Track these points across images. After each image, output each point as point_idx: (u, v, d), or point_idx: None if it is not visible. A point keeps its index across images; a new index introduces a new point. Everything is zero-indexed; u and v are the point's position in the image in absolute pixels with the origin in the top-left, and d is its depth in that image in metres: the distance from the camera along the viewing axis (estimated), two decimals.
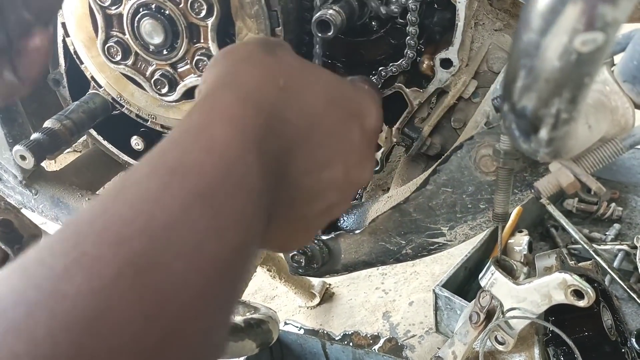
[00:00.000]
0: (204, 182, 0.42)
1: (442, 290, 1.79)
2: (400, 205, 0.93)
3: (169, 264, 0.37)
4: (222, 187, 0.43)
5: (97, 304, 0.34)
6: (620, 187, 2.41)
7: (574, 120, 0.48)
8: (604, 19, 0.37)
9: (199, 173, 0.42)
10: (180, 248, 0.38)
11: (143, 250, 0.36)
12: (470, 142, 0.83)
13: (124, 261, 0.35)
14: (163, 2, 0.87)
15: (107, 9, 0.90)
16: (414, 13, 0.91)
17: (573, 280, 0.90)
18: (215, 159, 0.44)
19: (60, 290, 0.34)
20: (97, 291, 0.34)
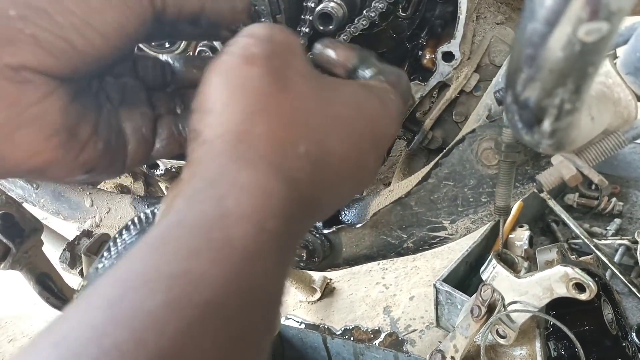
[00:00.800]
0: (217, 297, 0.36)
1: (443, 284, 1.79)
2: (402, 199, 0.92)
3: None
4: (236, 303, 0.37)
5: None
6: (621, 182, 2.41)
7: (578, 111, 0.47)
8: (608, 8, 0.37)
9: (212, 286, 0.36)
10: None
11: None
12: (472, 135, 0.83)
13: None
14: None
15: None
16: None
17: (575, 274, 0.89)
18: (230, 269, 0.37)
19: None
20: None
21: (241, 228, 0.39)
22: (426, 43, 1.01)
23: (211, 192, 0.42)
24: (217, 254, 0.37)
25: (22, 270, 1.18)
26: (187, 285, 0.35)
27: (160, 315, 0.33)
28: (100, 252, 0.66)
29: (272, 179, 0.44)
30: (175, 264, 0.36)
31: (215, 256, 0.37)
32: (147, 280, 0.35)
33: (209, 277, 0.36)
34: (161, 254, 0.37)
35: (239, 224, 0.39)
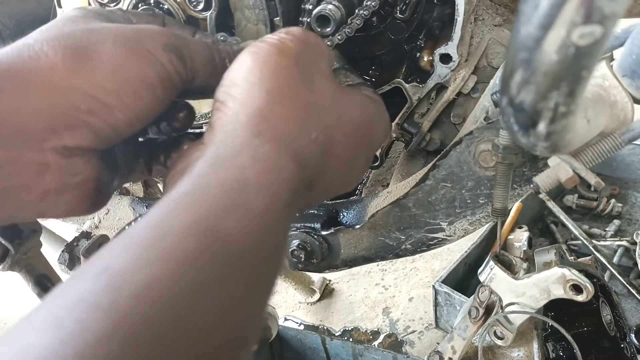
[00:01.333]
0: (240, 251, 0.42)
1: (442, 286, 1.79)
2: (400, 201, 0.93)
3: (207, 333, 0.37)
4: (255, 257, 0.43)
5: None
6: (620, 183, 2.41)
7: (573, 113, 0.48)
8: (601, 11, 0.37)
9: (237, 240, 0.42)
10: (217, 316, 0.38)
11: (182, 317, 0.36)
12: (470, 137, 0.83)
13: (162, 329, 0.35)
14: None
15: (106, 5, 0.90)
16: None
17: (572, 275, 0.90)
18: (252, 228, 0.43)
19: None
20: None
21: (260, 196, 0.46)
22: (424, 45, 1.01)
23: (234, 162, 0.48)
24: (241, 216, 0.43)
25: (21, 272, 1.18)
26: (216, 238, 0.41)
27: (193, 257, 0.39)
28: None
29: (287, 157, 0.51)
30: (206, 219, 0.42)
31: (239, 218, 0.43)
32: (182, 229, 0.41)
33: (234, 233, 0.42)
34: (194, 210, 0.43)
35: (258, 192, 0.46)
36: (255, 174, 0.47)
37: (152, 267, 0.37)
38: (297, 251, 1.01)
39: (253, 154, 0.49)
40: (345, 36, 0.87)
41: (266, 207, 0.45)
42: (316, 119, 0.56)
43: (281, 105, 0.54)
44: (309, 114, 0.56)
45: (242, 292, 0.41)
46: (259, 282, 0.44)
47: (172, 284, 0.37)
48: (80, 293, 0.36)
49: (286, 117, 0.53)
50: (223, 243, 0.41)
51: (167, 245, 0.39)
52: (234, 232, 0.42)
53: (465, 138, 0.83)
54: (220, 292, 0.39)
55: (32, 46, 0.53)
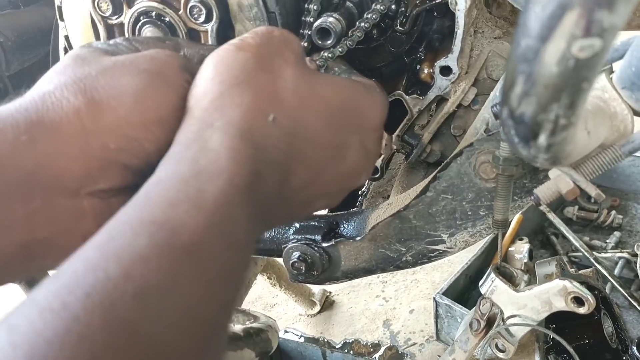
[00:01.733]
0: (194, 241, 0.40)
1: (443, 298, 1.79)
2: (400, 212, 0.93)
3: (160, 333, 0.36)
4: (211, 247, 0.41)
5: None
6: (620, 195, 2.41)
7: (573, 125, 0.48)
8: (601, 24, 0.37)
9: (189, 231, 0.40)
10: (171, 315, 0.37)
11: (134, 318, 0.35)
12: (470, 149, 0.83)
13: (114, 330, 0.34)
14: (163, 9, 0.88)
15: (108, 19, 0.91)
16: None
17: (573, 287, 0.89)
18: (204, 217, 0.42)
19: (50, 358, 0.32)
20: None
21: (213, 183, 0.44)
22: (424, 57, 1.01)
23: (186, 154, 0.48)
24: (193, 205, 0.42)
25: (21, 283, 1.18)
26: (168, 231, 0.40)
27: (145, 254, 0.38)
28: None
29: (239, 141, 0.49)
30: (156, 212, 0.41)
31: (191, 207, 0.42)
32: (132, 226, 0.40)
33: (186, 224, 0.40)
34: (143, 206, 0.42)
35: (211, 179, 0.45)
36: (207, 162, 0.46)
37: (103, 267, 0.36)
38: (298, 263, 1.01)
39: (204, 143, 0.48)
40: (346, 48, 0.88)
41: (219, 193, 0.44)
42: (275, 102, 0.55)
43: (234, 94, 0.53)
44: (265, 98, 0.55)
45: (196, 287, 0.39)
46: (216, 276, 0.42)
47: (123, 282, 0.36)
48: (35, 298, 0.36)
49: (239, 104, 0.53)
50: (174, 236, 0.40)
51: (120, 244, 0.39)
52: (185, 223, 0.41)
53: (466, 150, 0.84)
54: (173, 288, 0.38)
55: (52, 93, 0.53)
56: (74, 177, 0.51)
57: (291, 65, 0.59)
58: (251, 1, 0.85)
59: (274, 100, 0.55)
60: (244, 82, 0.54)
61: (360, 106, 0.64)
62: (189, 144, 0.49)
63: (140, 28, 0.90)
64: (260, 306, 2.31)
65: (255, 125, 0.52)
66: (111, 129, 0.52)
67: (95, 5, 0.90)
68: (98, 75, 0.55)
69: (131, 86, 0.54)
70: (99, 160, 0.52)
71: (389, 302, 2.19)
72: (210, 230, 0.42)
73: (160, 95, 0.55)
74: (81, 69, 0.56)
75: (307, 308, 2.21)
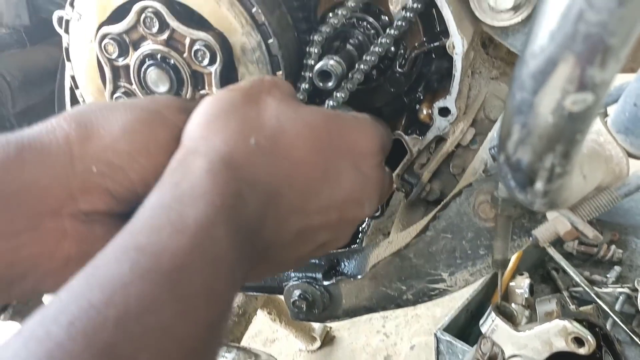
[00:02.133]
0: (175, 264, 0.41)
1: (444, 334, 1.78)
2: (401, 251, 0.93)
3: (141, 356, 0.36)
4: (192, 267, 0.42)
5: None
6: (619, 229, 2.41)
7: (568, 173, 0.49)
8: (593, 80, 0.39)
9: (170, 254, 0.41)
10: (150, 337, 0.37)
11: (114, 342, 0.35)
12: (469, 189, 0.85)
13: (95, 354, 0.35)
14: (168, 52, 0.90)
15: (114, 61, 0.93)
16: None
17: (573, 328, 0.90)
18: (185, 240, 0.42)
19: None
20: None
21: (194, 206, 0.45)
22: (423, 97, 1.03)
23: (169, 180, 0.49)
24: (175, 229, 0.43)
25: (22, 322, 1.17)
26: (150, 255, 0.40)
27: (127, 280, 0.38)
28: None
29: (220, 165, 0.50)
30: (139, 238, 0.42)
31: (173, 231, 0.43)
32: (116, 254, 0.41)
33: (168, 248, 0.41)
34: (129, 233, 0.43)
35: (192, 203, 0.45)
36: (188, 186, 0.47)
37: (87, 295, 0.37)
38: (299, 301, 1.01)
39: (187, 168, 0.50)
40: (347, 92, 0.90)
41: (200, 215, 0.44)
42: (256, 126, 0.56)
43: (218, 123, 0.55)
44: (248, 124, 0.56)
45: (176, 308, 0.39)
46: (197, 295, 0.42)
47: (105, 309, 0.36)
48: (22, 329, 0.37)
49: (222, 130, 0.54)
50: (155, 260, 0.40)
51: (104, 272, 0.39)
52: (166, 247, 0.41)
53: (465, 190, 0.85)
54: (153, 311, 0.38)
55: (50, 122, 0.56)
56: (56, 197, 0.53)
57: (277, 98, 0.61)
58: (254, 45, 0.88)
59: (255, 125, 0.57)
60: (229, 112, 0.57)
61: (346, 130, 0.64)
62: (173, 171, 0.51)
63: (146, 70, 0.92)
64: (260, 341, 2.29)
65: (236, 148, 0.54)
66: (96, 154, 0.54)
67: (102, 47, 0.92)
68: (96, 110, 0.58)
69: (123, 119, 0.57)
70: (81, 181, 0.54)
71: (390, 337, 2.18)
72: (192, 251, 0.42)
73: (149, 129, 0.57)
74: (86, 106, 0.60)
75: (308, 343, 2.19)
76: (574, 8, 0.36)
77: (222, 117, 0.56)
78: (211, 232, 0.45)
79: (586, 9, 0.35)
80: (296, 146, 0.58)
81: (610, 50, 0.37)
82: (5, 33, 1.28)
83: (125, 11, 0.90)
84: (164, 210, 0.45)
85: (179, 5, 0.88)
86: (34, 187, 0.52)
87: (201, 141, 0.54)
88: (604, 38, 0.36)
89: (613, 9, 0.35)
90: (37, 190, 0.52)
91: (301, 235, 0.60)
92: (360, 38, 0.98)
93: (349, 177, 0.62)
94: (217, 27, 0.88)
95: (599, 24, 0.36)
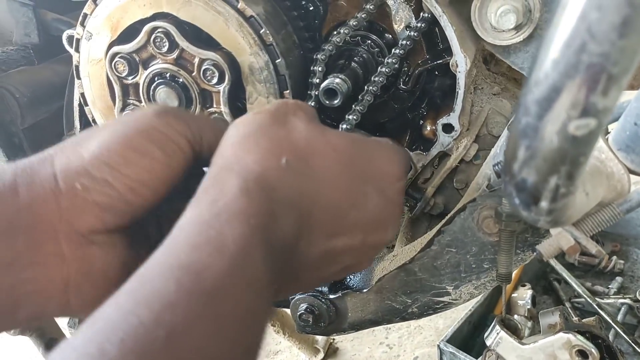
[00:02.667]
0: (218, 285, 0.42)
1: (447, 345, 1.79)
2: (406, 265, 0.95)
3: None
4: (234, 289, 0.43)
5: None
6: (621, 240, 2.42)
7: (572, 193, 0.51)
8: (595, 107, 0.40)
9: (213, 275, 0.42)
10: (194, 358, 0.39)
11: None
12: (473, 204, 0.86)
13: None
14: (177, 71, 0.91)
15: (124, 79, 0.95)
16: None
17: (577, 341, 0.91)
18: (225, 260, 0.43)
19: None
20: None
21: (231, 225, 0.46)
22: (426, 113, 1.05)
23: (205, 197, 0.50)
24: (215, 248, 0.44)
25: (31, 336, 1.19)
26: (193, 275, 0.42)
27: (172, 299, 0.40)
28: None
29: (253, 184, 0.51)
30: (181, 256, 0.43)
31: (213, 250, 0.44)
32: (160, 271, 0.42)
33: (210, 268, 0.42)
34: (170, 251, 0.44)
35: (229, 221, 0.46)
36: (224, 204, 0.48)
37: (136, 312, 0.38)
38: (305, 315, 1.02)
39: (222, 186, 0.50)
40: (359, 114, 0.92)
41: (238, 235, 0.46)
42: (287, 146, 0.57)
43: (249, 142, 0.56)
44: (278, 144, 0.57)
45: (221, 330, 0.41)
46: (239, 318, 0.43)
47: (154, 328, 0.38)
48: (72, 344, 0.38)
49: (254, 150, 0.55)
50: (199, 280, 0.41)
51: (149, 289, 0.41)
52: (208, 266, 0.42)
53: (469, 205, 0.86)
54: (199, 332, 0.39)
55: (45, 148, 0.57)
56: (49, 220, 0.53)
57: (304, 121, 0.62)
58: (262, 64, 0.90)
59: (285, 145, 0.58)
60: (258, 132, 0.58)
61: (372, 155, 0.65)
62: (208, 189, 0.51)
63: (155, 88, 0.94)
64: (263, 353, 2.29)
65: (269, 167, 0.54)
66: (77, 172, 0.55)
67: (112, 66, 0.94)
68: (81, 135, 0.59)
69: (100, 135, 0.57)
70: (69, 200, 0.54)
71: (393, 349, 2.19)
72: (232, 272, 0.43)
73: (124, 139, 0.57)
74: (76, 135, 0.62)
75: (311, 355, 2.19)
76: (577, 39, 0.38)
77: (253, 136, 0.57)
78: (249, 252, 0.46)
79: (588, 40, 0.37)
80: (325, 168, 0.59)
81: (612, 78, 0.39)
82: (14, 50, 1.30)
83: (135, 31, 0.92)
84: (203, 227, 0.46)
85: (188, 25, 0.90)
86: (28, 213, 0.53)
87: (234, 159, 0.55)
88: (605, 67, 0.38)
89: (614, 40, 0.37)
90: (32, 215, 0.53)
91: (327, 257, 0.61)
92: (365, 56, 1.00)
93: (374, 201, 0.63)
94: (226, 47, 0.90)
95: (600, 54, 0.37)
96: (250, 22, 0.88)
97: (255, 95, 0.92)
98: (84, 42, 0.97)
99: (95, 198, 0.54)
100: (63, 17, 1.28)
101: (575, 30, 0.38)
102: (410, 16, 0.93)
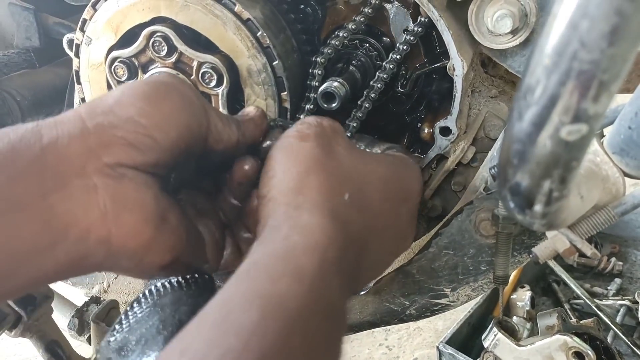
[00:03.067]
0: (299, 313, 0.45)
1: (446, 347, 1.79)
2: (404, 267, 0.95)
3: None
4: (314, 317, 0.46)
5: None
6: (619, 241, 2.42)
7: (566, 197, 0.51)
8: (586, 113, 0.41)
9: (294, 304, 0.45)
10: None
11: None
12: (470, 207, 0.87)
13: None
14: (176, 75, 0.92)
15: (119, 80, 0.95)
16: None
17: (573, 342, 0.91)
18: (305, 290, 0.46)
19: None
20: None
21: (308, 258, 0.49)
22: (424, 116, 1.05)
23: (278, 234, 0.53)
24: (294, 279, 0.47)
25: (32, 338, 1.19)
26: (275, 305, 0.44)
27: (258, 327, 0.42)
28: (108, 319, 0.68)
29: (326, 219, 0.55)
30: (261, 289, 0.46)
31: (292, 280, 0.46)
32: (241, 302, 0.45)
33: (290, 297, 0.45)
34: (247, 283, 0.47)
35: (306, 254, 0.50)
36: (299, 238, 0.51)
37: (225, 341, 0.41)
38: None
39: (294, 223, 0.54)
40: (359, 121, 0.93)
41: (316, 267, 0.49)
42: (345, 182, 0.62)
43: (312, 180, 0.60)
44: (338, 179, 0.62)
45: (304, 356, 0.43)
46: (320, 345, 0.46)
47: (245, 354, 0.40)
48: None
49: (319, 187, 0.59)
50: (281, 309, 0.44)
51: (234, 319, 0.43)
52: (289, 296, 0.45)
53: (466, 208, 0.87)
54: (285, 354, 0.42)
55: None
56: (76, 154, 0.55)
57: (345, 148, 0.67)
58: (260, 67, 0.90)
59: (344, 180, 0.63)
60: (317, 168, 0.61)
61: (403, 177, 0.72)
62: (279, 226, 0.55)
63: None
64: None
65: (336, 203, 0.59)
66: (103, 111, 0.58)
67: (112, 70, 0.95)
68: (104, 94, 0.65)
69: (121, 86, 0.63)
70: (96, 135, 0.56)
71: (392, 350, 2.19)
72: (311, 301, 0.46)
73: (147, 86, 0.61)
74: None
75: None
76: (568, 47, 0.39)
77: (314, 173, 0.61)
78: (327, 282, 0.49)
79: (579, 48, 0.38)
80: (375, 199, 0.65)
81: (602, 85, 0.39)
82: (16, 54, 1.31)
83: (134, 35, 0.93)
84: (279, 261, 0.49)
85: (186, 29, 0.91)
86: (53, 149, 0.54)
87: (299, 196, 0.58)
88: (596, 75, 0.39)
89: (604, 48, 0.37)
90: (57, 150, 0.55)
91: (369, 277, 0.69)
92: (363, 59, 1.00)
93: (405, 218, 0.71)
94: (224, 50, 0.90)
95: (591, 62, 0.38)
96: (248, 25, 0.89)
97: (254, 97, 0.93)
98: (83, 47, 0.98)
99: (123, 134, 0.57)
100: (64, 21, 1.29)
101: (566, 38, 0.39)
102: (407, 20, 0.94)
